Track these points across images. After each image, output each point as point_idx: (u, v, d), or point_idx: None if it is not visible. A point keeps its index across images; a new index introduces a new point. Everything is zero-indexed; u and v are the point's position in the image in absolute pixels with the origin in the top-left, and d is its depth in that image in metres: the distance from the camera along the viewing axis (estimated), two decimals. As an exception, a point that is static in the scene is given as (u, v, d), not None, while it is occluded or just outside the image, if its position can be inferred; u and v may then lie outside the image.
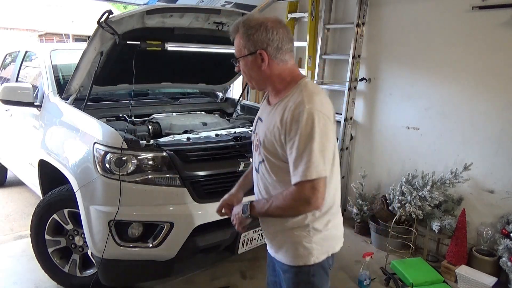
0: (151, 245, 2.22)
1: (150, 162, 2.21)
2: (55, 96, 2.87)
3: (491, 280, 2.76)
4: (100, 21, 2.21)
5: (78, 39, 14.93)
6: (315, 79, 4.09)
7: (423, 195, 3.10)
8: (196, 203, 2.26)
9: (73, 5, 15.79)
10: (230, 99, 3.73)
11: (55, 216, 2.54)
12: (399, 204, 3.20)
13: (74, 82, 2.64)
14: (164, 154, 2.24)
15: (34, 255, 2.64)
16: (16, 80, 3.72)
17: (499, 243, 2.84)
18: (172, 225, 2.20)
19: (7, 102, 2.90)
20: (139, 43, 2.42)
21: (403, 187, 3.27)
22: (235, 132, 2.79)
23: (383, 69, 3.68)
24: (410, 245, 3.18)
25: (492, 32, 2.93)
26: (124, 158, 2.15)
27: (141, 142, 2.25)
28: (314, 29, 4.13)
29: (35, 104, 2.93)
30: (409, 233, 3.23)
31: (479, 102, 3.04)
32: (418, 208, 3.10)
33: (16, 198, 4.35)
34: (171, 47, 2.59)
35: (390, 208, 3.32)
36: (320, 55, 4.06)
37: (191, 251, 2.31)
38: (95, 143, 2.22)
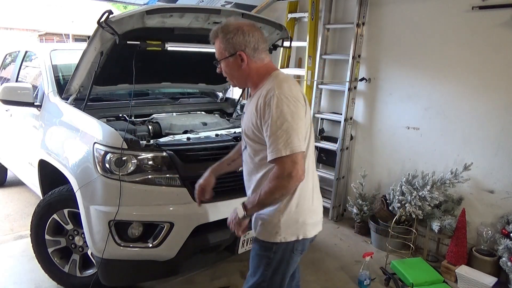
0: (151, 245, 2.22)
1: (150, 162, 2.21)
2: (55, 96, 2.87)
3: (491, 280, 2.76)
4: (100, 21, 2.20)
5: (78, 39, 14.91)
6: (315, 79, 4.09)
7: (423, 195, 3.10)
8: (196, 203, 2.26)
9: (73, 5, 15.76)
10: (230, 99, 3.73)
11: (55, 216, 2.54)
12: (399, 204, 3.20)
13: (74, 82, 2.64)
14: (164, 154, 2.24)
15: (34, 255, 2.64)
16: (16, 80, 3.71)
17: (499, 243, 2.84)
18: (172, 225, 2.20)
19: (7, 102, 2.90)
20: (139, 43, 2.41)
21: (403, 187, 3.27)
22: (235, 132, 2.79)
23: (383, 69, 3.68)
24: (410, 245, 3.18)
25: (492, 32, 2.93)
26: (124, 158, 2.15)
27: (141, 142, 2.24)
28: (314, 29, 4.13)
29: (35, 104, 2.93)
30: (409, 233, 3.23)
31: (479, 102, 3.05)
32: (418, 208, 3.10)
33: (16, 198, 4.34)
34: (171, 47, 2.58)
35: (390, 208, 3.32)
36: (320, 55, 4.06)
37: (191, 251, 2.32)
38: (95, 143, 2.22)
